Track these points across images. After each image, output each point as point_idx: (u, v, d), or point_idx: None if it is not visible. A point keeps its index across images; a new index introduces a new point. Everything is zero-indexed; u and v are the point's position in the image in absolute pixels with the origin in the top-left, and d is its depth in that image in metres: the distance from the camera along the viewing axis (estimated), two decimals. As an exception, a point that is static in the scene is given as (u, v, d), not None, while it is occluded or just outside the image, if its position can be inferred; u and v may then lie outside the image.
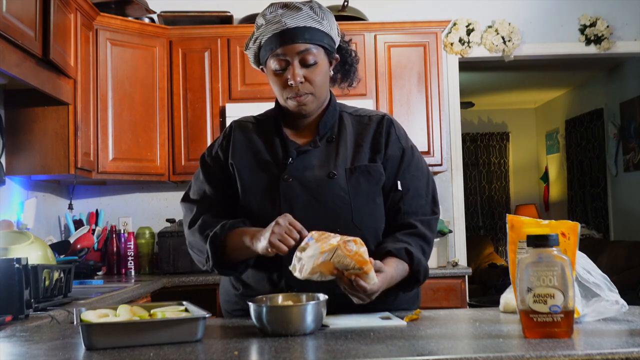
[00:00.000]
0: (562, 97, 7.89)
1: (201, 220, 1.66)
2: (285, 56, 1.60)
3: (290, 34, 1.59)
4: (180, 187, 4.18)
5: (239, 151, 1.70)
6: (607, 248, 5.62)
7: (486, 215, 8.67)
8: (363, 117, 1.73)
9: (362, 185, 1.63)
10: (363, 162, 1.65)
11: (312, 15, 1.61)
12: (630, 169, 6.04)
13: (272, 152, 1.68)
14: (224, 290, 1.80)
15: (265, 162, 1.67)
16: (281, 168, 1.64)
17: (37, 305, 1.93)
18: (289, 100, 1.63)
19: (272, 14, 1.61)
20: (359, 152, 1.66)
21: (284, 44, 1.59)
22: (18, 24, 2.42)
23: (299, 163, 1.64)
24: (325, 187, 1.61)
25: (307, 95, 1.62)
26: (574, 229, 1.36)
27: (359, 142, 1.68)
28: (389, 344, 1.16)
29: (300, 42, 1.59)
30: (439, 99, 3.90)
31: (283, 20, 1.59)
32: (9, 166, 3.14)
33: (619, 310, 1.38)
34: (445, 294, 3.54)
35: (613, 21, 4.34)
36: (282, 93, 1.64)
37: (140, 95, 3.74)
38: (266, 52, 1.63)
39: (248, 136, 1.72)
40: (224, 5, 4.13)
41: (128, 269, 3.77)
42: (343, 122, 1.71)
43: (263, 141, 1.70)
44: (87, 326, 1.20)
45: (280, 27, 1.59)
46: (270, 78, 1.66)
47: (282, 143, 1.68)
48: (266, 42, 1.62)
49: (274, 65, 1.62)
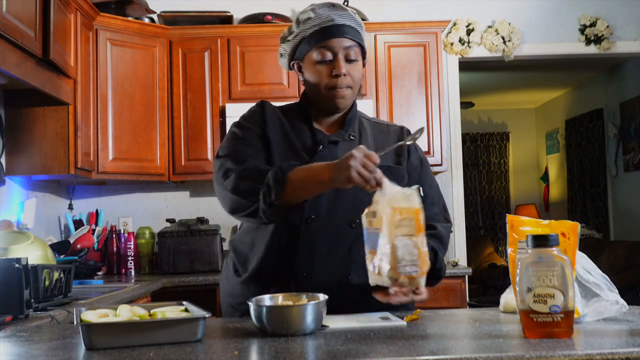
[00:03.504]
0: (562, 97, 7.89)
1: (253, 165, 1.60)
2: (332, 49, 1.66)
3: (339, 28, 1.67)
4: (180, 187, 4.18)
5: (272, 129, 1.71)
6: (607, 248, 5.62)
7: (486, 215, 8.67)
8: (381, 125, 1.83)
9: None
10: (387, 163, 1.70)
11: (355, 19, 1.71)
12: (630, 169, 6.04)
13: (300, 139, 1.71)
14: (227, 282, 1.80)
15: (294, 147, 1.70)
16: (309, 155, 1.68)
17: (37, 305, 1.93)
18: (329, 90, 1.68)
19: (321, 10, 1.68)
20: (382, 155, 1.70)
21: (332, 36, 1.66)
22: (18, 24, 2.41)
23: (327, 153, 1.68)
24: None
25: (347, 88, 1.68)
26: (574, 229, 1.36)
27: (380, 145, 1.73)
28: (389, 344, 1.16)
29: (348, 37, 1.68)
30: (439, 99, 3.91)
31: (332, 15, 1.67)
32: (9, 166, 3.14)
33: (619, 310, 1.38)
34: (445, 294, 3.54)
35: (613, 21, 4.34)
36: (323, 83, 1.68)
37: (140, 95, 3.74)
38: (310, 44, 1.68)
39: (278, 117, 1.75)
40: (224, 5, 4.13)
41: (128, 269, 3.77)
42: (363, 125, 1.79)
43: (292, 127, 1.74)
44: (87, 326, 1.20)
45: (329, 22, 1.67)
46: (311, 69, 1.69)
47: (310, 132, 1.72)
48: (311, 35, 1.68)
49: (318, 56, 1.67)
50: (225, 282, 1.83)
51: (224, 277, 1.85)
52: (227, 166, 1.63)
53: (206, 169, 3.82)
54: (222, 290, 1.84)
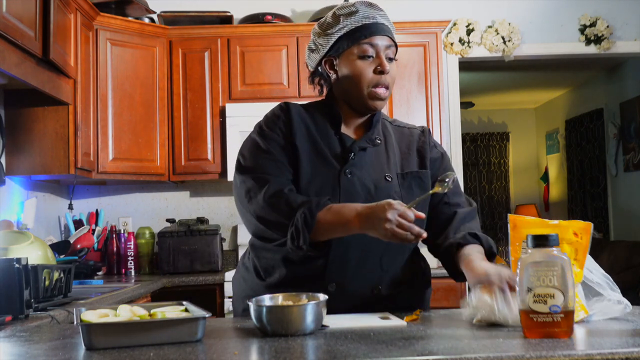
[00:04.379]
0: (562, 97, 7.89)
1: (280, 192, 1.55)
2: (375, 46, 1.64)
3: (382, 27, 1.66)
4: (180, 187, 4.18)
5: (299, 135, 1.66)
6: (607, 248, 5.62)
7: (486, 215, 8.66)
8: (403, 129, 1.81)
9: (414, 191, 1.68)
10: (413, 168, 1.71)
11: (390, 21, 1.71)
12: (630, 169, 6.04)
13: (329, 145, 1.67)
14: (245, 283, 1.75)
15: (324, 154, 1.65)
16: (340, 162, 1.64)
17: (37, 305, 1.93)
18: (372, 88, 1.64)
19: (364, 7, 1.66)
20: (407, 159, 1.73)
21: (377, 33, 1.64)
22: (18, 24, 2.41)
23: (358, 160, 1.65)
24: (382, 189, 1.64)
25: (386, 89, 1.66)
26: (586, 229, 1.35)
27: (404, 149, 1.74)
28: (389, 344, 1.16)
29: (390, 36, 1.67)
30: (439, 99, 3.91)
31: (374, 14, 1.66)
32: (9, 166, 3.14)
33: (624, 311, 1.38)
34: (445, 294, 3.54)
35: (613, 21, 4.34)
36: (366, 81, 1.64)
37: (140, 95, 3.74)
38: (353, 39, 1.64)
39: (305, 122, 1.69)
40: (224, 5, 4.13)
41: (128, 269, 3.77)
42: (386, 128, 1.77)
43: (319, 132, 1.68)
44: (87, 326, 1.20)
45: (372, 19, 1.65)
46: (352, 65, 1.65)
47: (339, 138, 1.69)
48: (355, 29, 1.65)
49: (360, 52, 1.64)
50: (242, 283, 1.77)
51: (240, 278, 1.80)
52: (249, 186, 1.60)
53: (206, 169, 3.82)
54: (239, 291, 1.78)
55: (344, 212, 1.50)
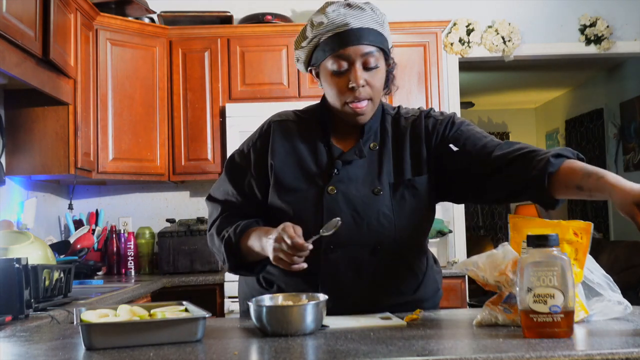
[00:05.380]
0: (562, 97, 7.89)
1: (219, 221, 1.64)
2: (348, 57, 1.51)
3: (355, 34, 1.51)
4: (180, 187, 4.18)
5: (280, 155, 1.61)
6: (607, 248, 5.61)
7: (486, 215, 8.66)
8: (401, 119, 1.66)
9: (407, 201, 1.58)
10: (407, 176, 1.59)
11: (374, 17, 1.55)
12: (630, 169, 6.04)
13: (316, 159, 1.60)
14: (247, 287, 1.75)
15: (308, 170, 1.59)
16: (324, 179, 1.57)
17: (37, 305, 1.93)
18: (347, 105, 1.55)
19: (335, 13, 1.53)
20: (402, 164, 1.60)
21: (348, 44, 1.51)
22: (18, 24, 2.41)
23: (344, 174, 1.57)
24: (370, 204, 1.55)
25: (366, 101, 1.54)
26: (587, 229, 1.35)
27: (400, 150, 1.62)
28: (389, 344, 1.16)
29: (365, 43, 1.52)
30: (439, 99, 3.90)
31: (347, 20, 1.52)
32: (9, 166, 3.14)
33: (624, 311, 1.37)
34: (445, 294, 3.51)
35: (613, 21, 4.34)
36: (340, 97, 1.55)
37: (140, 95, 3.74)
38: (325, 52, 1.54)
39: (290, 139, 1.63)
40: (224, 5, 4.13)
41: (128, 269, 3.77)
42: (385, 127, 1.65)
43: (306, 145, 1.62)
44: (87, 326, 1.20)
45: (344, 27, 1.51)
46: (327, 80, 1.57)
47: (327, 149, 1.61)
48: (326, 41, 1.53)
49: (333, 66, 1.53)
50: (245, 287, 1.77)
51: (243, 281, 1.81)
52: (210, 218, 1.70)
53: (206, 169, 3.82)
54: (243, 293, 1.79)
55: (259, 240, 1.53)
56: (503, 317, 1.33)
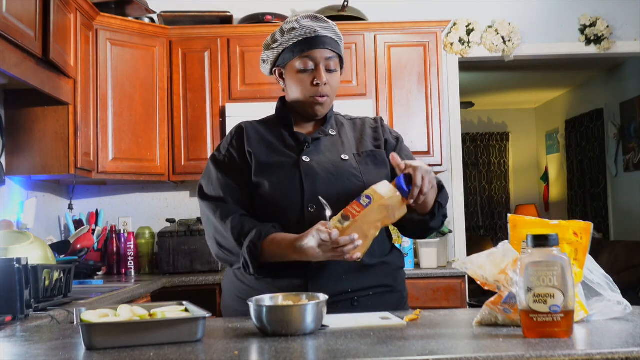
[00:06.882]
0: (562, 97, 7.89)
1: (232, 221, 1.70)
2: (314, 59, 1.77)
3: (322, 40, 1.78)
4: (180, 187, 4.18)
5: (254, 142, 1.81)
6: (607, 248, 5.61)
7: (486, 215, 8.67)
8: (355, 119, 1.94)
9: (370, 167, 1.79)
10: (368, 148, 1.83)
11: (336, 31, 1.83)
12: (630, 169, 6.04)
13: (284, 142, 1.81)
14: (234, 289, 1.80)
15: (280, 150, 1.79)
16: (297, 153, 1.78)
17: (37, 305, 1.93)
18: (310, 98, 1.79)
19: (305, 21, 1.79)
20: (362, 142, 1.85)
21: (316, 47, 1.77)
22: (18, 24, 2.41)
23: (314, 148, 1.79)
24: (340, 167, 1.76)
25: (326, 97, 1.79)
26: (586, 229, 1.35)
27: (357, 136, 1.87)
28: (389, 344, 1.16)
29: (330, 49, 1.78)
30: (439, 99, 3.90)
31: (315, 28, 1.78)
32: (9, 166, 3.14)
33: (624, 312, 1.37)
34: (445, 294, 3.54)
35: (613, 21, 4.34)
36: (305, 91, 1.79)
37: (140, 95, 3.74)
38: (294, 53, 1.78)
39: (259, 132, 1.84)
40: (224, 5, 4.14)
41: (128, 269, 3.77)
42: (340, 122, 1.91)
43: (274, 135, 1.83)
44: (87, 326, 1.20)
45: (313, 33, 1.77)
46: (293, 77, 1.80)
47: (292, 135, 1.82)
48: (295, 44, 1.78)
49: (301, 65, 1.78)
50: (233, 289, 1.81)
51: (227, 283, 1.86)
52: (207, 214, 1.77)
53: (206, 169, 3.82)
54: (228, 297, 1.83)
55: (283, 244, 1.63)
56: (503, 317, 1.33)
